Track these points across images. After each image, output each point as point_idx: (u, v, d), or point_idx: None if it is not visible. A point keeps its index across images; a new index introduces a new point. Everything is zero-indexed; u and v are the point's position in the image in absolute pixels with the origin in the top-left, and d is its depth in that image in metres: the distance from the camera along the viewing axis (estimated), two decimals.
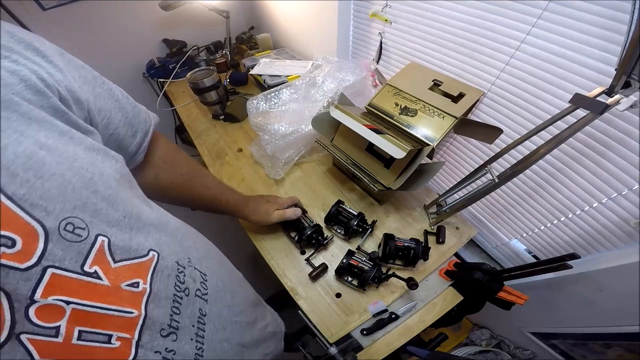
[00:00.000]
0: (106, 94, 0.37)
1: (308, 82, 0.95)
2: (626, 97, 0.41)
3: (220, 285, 0.42)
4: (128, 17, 1.37)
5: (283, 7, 1.32)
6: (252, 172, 1.00)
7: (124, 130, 0.40)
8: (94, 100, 0.33)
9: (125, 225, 0.29)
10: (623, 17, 0.45)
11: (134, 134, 0.42)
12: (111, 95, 0.38)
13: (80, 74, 0.33)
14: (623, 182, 0.54)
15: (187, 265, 0.36)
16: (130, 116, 0.41)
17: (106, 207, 0.27)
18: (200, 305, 0.36)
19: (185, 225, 0.44)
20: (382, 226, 0.84)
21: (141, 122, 0.44)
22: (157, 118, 0.49)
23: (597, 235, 0.63)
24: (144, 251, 0.30)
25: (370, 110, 0.81)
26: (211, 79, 1.09)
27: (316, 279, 0.75)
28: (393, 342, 0.67)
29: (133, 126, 0.42)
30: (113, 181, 0.29)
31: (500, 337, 1.10)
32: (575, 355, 0.85)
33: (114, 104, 0.38)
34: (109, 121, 0.37)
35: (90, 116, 0.33)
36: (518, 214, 0.78)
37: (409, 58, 0.87)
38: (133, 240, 0.29)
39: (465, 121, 0.70)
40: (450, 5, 0.69)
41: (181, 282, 0.34)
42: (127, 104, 0.41)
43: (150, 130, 0.46)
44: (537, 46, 0.58)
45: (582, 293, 0.70)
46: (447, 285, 0.74)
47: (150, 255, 0.31)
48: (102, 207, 0.27)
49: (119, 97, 0.40)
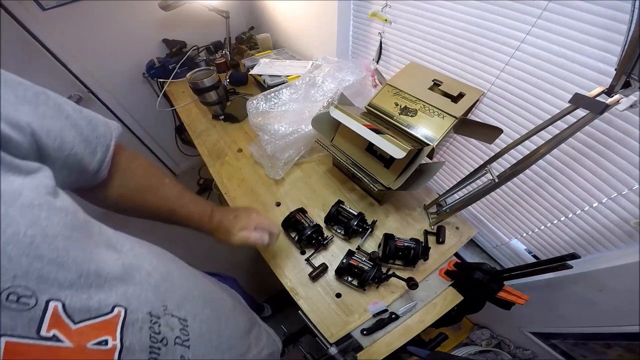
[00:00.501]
0: (53, 111, 0.33)
1: (308, 82, 0.95)
2: (626, 97, 0.42)
3: (204, 328, 0.39)
4: (128, 17, 1.37)
5: (283, 7, 1.32)
6: (252, 172, 1.00)
7: (82, 149, 0.36)
8: (38, 121, 0.30)
9: (82, 285, 0.26)
10: (623, 17, 0.45)
11: (93, 151, 0.38)
12: (60, 111, 0.34)
13: (17, 93, 0.29)
14: (623, 182, 0.54)
15: (162, 314, 0.33)
16: (86, 132, 0.37)
17: (55, 271, 0.25)
18: (182, 352, 0.34)
19: (165, 261, 0.41)
20: (382, 226, 0.84)
21: (100, 136, 0.39)
22: (119, 128, 0.45)
23: (597, 235, 0.63)
24: (107, 309, 0.28)
25: (370, 110, 0.81)
26: (211, 79, 1.09)
27: (316, 279, 0.75)
28: (393, 342, 0.67)
29: (91, 143, 0.38)
30: (61, 240, 0.26)
31: (500, 337, 1.10)
32: (575, 355, 0.85)
33: (65, 122, 0.34)
34: (62, 141, 0.33)
35: (37, 140, 0.29)
36: (518, 214, 0.78)
37: (408, 58, 0.87)
38: (93, 299, 0.27)
39: (465, 121, 0.70)
40: (450, 5, 0.69)
41: (157, 333, 0.31)
42: (81, 119, 0.37)
43: (112, 144, 0.42)
44: (537, 46, 0.58)
45: (582, 293, 0.70)
46: (447, 285, 0.74)
47: (116, 311, 0.28)
48: (50, 271, 0.24)
49: (69, 113, 0.35)
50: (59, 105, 0.34)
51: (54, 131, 0.32)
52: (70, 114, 0.35)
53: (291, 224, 0.80)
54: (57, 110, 0.34)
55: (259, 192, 0.94)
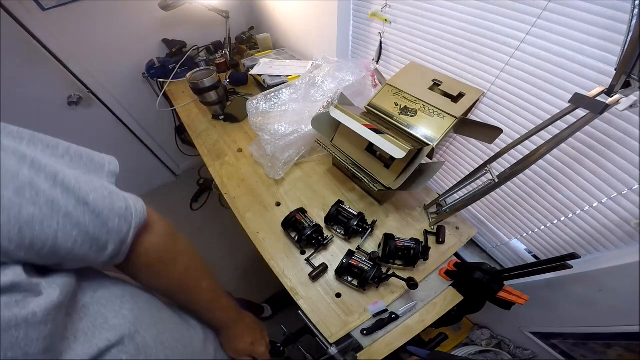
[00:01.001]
0: (45, 211, 0.26)
1: (308, 82, 0.95)
2: (626, 96, 0.42)
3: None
4: (128, 17, 1.37)
5: (283, 7, 1.32)
6: (252, 172, 1.00)
7: (86, 248, 0.31)
8: (16, 232, 0.24)
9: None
10: (623, 17, 0.45)
11: (102, 248, 0.33)
12: (54, 209, 0.27)
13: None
14: (623, 182, 0.54)
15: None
16: (92, 230, 0.31)
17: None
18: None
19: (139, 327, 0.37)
20: (382, 226, 0.84)
21: (112, 231, 0.33)
22: (143, 211, 0.38)
23: (597, 235, 0.63)
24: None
25: (370, 110, 0.81)
26: (211, 79, 1.09)
27: (316, 279, 0.75)
28: (393, 342, 0.67)
29: (99, 240, 0.32)
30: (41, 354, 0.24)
31: (500, 337, 1.10)
32: (575, 355, 0.85)
33: (62, 222, 0.28)
34: (55, 248, 0.28)
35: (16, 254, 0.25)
36: (518, 214, 0.78)
37: (408, 58, 0.87)
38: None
39: (465, 121, 0.70)
40: (450, 5, 0.69)
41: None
42: (86, 214, 0.30)
43: (129, 239, 0.35)
44: (536, 46, 0.58)
45: (582, 293, 0.70)
46: (447, 285, 0.74)
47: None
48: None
49: (68, 210, 0.28)
50: (52, 202, 0.27)
51: (41, 239, 0.26)
52: (69, 211, 0.28)
53: (291, 224, 0.80)
54: (50, 209, 0.27)
55: (259, 192, 0.94)
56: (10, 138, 0.27)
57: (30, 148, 0.29)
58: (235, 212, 0.90)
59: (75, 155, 0.34)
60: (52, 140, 0.32)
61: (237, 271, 1.68)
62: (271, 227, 0.85)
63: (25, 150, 0.27)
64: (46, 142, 0.31)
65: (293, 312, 0.74)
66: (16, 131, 0.29)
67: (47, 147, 0.31)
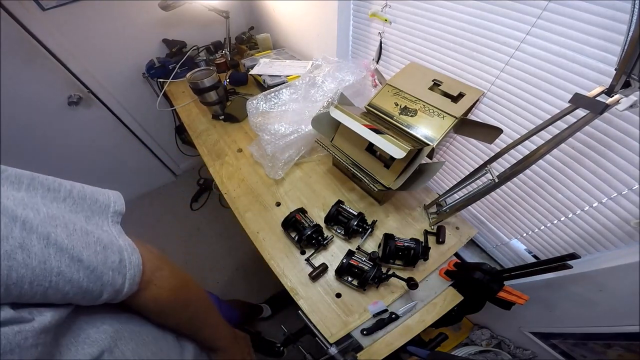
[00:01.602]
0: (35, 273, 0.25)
1: (308, 82, 0.95)
2: (626, 96, 0.42)
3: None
4: (128, 17, 1.37)
5: (283, 7, 1.32)
6: (252, 172, 1.00)
7: (78, 298, 0.30)
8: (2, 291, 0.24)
9: None
10: (623, 17, 0.45)
11: (96, 297, 0.32)
12: (45, 270, 0.26)
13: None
14: (623, 182, 0.54)
15: None
16: (86, 283, 0.30)
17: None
18: None
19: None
20: (382, 226, 0.84)
21: (106, 284, 0.32)
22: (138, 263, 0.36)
23: (597, 235, 0.63)
24: None
25: (370, 110, 0.81)
26: (211, 79, 1.09)
27: (316, 279, 0.75)
28: (393, 342, 0.67)
29: (93, 292, 0.31)
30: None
31: (500, 337, 1.10)
32: (575, 355, 0.85)
33: (54, 280, 0.27)
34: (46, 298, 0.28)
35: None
36: (518, 214, 0.78)
37: (408, 58, 0.87)
38: None
39: (465, 121, 0.70)
40: (450, 5, 0.69)
41: None
42: (80, 270, 0.29)
43: (125, 289, 0.35)
44: (536, 46, 0.58)
45: (582, 293, 0.70)
46: (447, 285, 0.74)
47: None
48: None
49: (61, 269, 0.27)
50: (45, 262, 0.26)
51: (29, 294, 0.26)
52: (62, 270, 0.27)
53: (291, 224, 0.80)
54: (42, 270, 0.26)
55: (259, 192, 0.94)
56: (8, 183, 0.27)
57: (29, 194, 0.28)
58: (235, 212, 0.90)
59: (78, 197, 0.33)
60: (52, 182, 0.31)
61: (237, 271, 1.68)
62: (271, 227, 0.85)
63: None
64: (47, 185, 0.30)
65: (293, 312, 0.74)
66: (14, 175, 0.28)
67: (48, 191, 0.30)
